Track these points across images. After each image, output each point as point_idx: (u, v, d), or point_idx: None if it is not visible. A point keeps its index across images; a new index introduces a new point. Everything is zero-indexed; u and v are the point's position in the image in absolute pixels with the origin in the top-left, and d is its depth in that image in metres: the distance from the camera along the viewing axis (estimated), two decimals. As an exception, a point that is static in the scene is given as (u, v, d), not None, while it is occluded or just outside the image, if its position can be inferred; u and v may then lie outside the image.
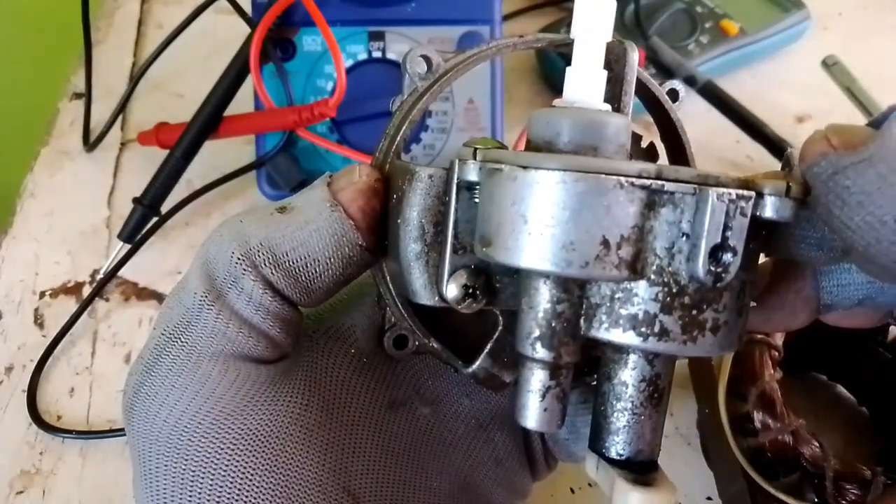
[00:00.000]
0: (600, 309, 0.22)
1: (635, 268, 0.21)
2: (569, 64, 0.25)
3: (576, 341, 0.22)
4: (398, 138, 0.27)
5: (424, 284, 0.25)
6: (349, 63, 0.51)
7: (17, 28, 0.98)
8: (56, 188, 0.56)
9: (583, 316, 0.22)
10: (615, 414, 0.23)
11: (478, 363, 0.27)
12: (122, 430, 0.43)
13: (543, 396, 0.22)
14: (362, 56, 0.51)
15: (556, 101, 0.25)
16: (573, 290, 0.22)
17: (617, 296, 0.22)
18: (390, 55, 0.51)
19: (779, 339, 0.40)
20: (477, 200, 0.23)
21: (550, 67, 0.63)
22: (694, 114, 0.60)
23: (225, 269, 0.25)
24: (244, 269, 0.24)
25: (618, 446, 0.23)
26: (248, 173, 0.53)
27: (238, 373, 0.25)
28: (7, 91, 1.00)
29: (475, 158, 0.23)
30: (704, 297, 0.21)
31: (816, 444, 0.37)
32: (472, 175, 0.23)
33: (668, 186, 0.21)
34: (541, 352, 0.22)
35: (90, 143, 0.57)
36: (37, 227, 0.53)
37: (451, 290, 0.24)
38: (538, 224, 0.21)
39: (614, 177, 0.20)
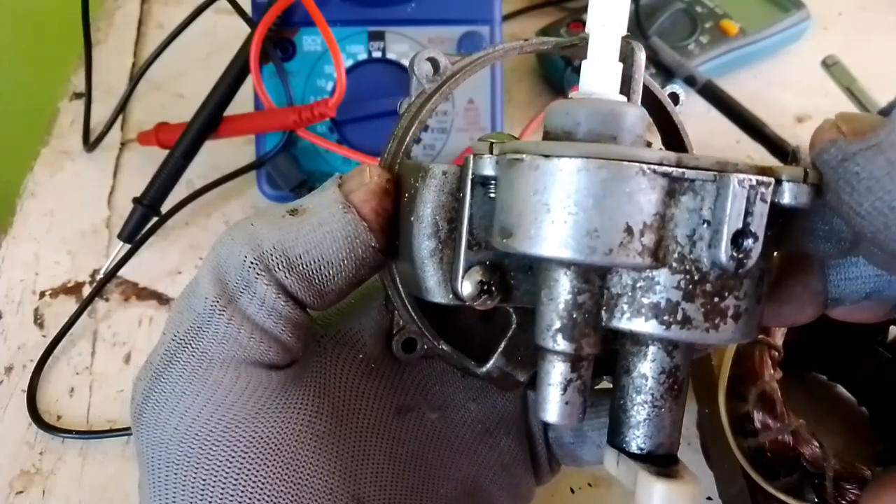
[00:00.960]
0: (622, 299, 0.22)
1: (657, 255, 0.21)
2: (570, 65, 0.25)
3: (596, 333, 0.22)
4: (407, 139, 0.26)
5: (438, 282, 0.24)
6: (349, 63, 0.51)
7: (17, 28, 0.98)
8: (56, 188, 0.56)
9: (604, 307, 0.22)
10: (635, 407, 0.23)
11: (492, 362, 0.26)
12: (123, 430, 0.43)
13: (565, 389, 0.22)
14: (362, 56, 0.51)
15: (573, 93, 0.25)
16: (594, 281, 0.22)
17: (638, 285, 0.22)
18: (390, 55, 0.51)
19: (779, 339, 0.40)
20: (492, 195, 0.23)
21: (551, 68, 0.63)
22: (694, 114, 0.60)
23: (237, 273, 0.24)
24: (257, 273, 0.24)
25: (639, 440, 0.23)
26: (248, 173, 0.53)
27: (249, 379, 0.24)
28: (7, 91, 1.00)
29: (491, 152, 0.23)
30: (726, 284, 0.22)
31: (816, 444, 0.37)
32: (488, 169, 0.23)
33: (689, 174, 0.21)
34: (562, 344, 0.22)
35: (90, 143, 0.57)
36: (37, 227, 0.53)
37: (466, 287, 0.24)
38: (561, 212, 0.21)
39: (636, 164, 0.20)
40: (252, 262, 0.24)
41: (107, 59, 0.64)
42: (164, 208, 0.51)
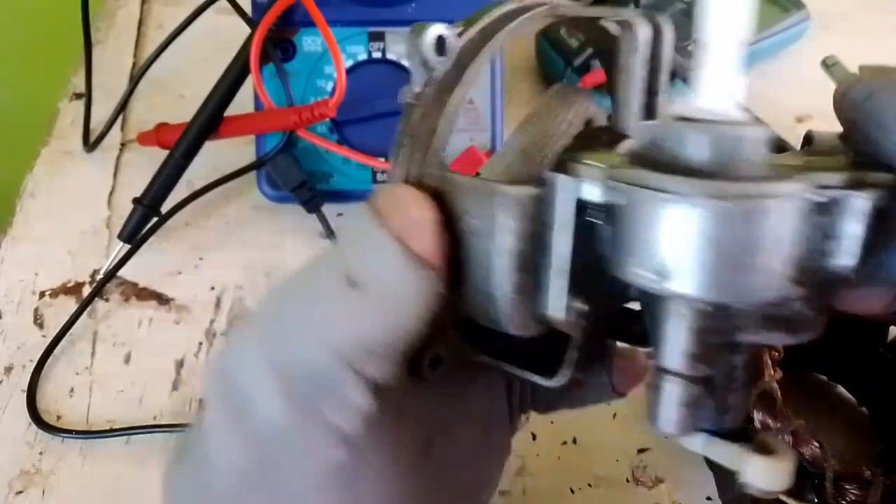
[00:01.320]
0: (751, 316, 0.22)
1: (793, 277, 0.21)
2: (570, 65, 0.24)
3: (722, 350, 0.22)
4: (435, 144, 0.23)
5: (524, 315, 0.23)
6: (349, 63, 0.51)
7: (17, 28, 0.98)
8: (56, 188, 0.56)
9: (733, 325, 0.22)
10: (727, 396, 0.23)
11: (566, 374, 0.25)
12: (123, 430, 0.43)
13: (692, 406, 0.22)
14: (362, 56, 0.51)
15: (686, 111, 0.23)
16: (725, 307, 0.22)
17: (771, 302, 0.22)
18: (390, 55, 0.51)
19: (779, 339, 0.40)
20: (588, 219, 0.22)
21: (551, 68, 0.63)
22: (694, 114, 0.60)
23: (316, 379, 0.20)
24: (343, 376, 0.20)
25: (728, 423, 0.23)
26: (249, 173, 0.53)
27: (327, 486, 0.22)
28: (7, 91, 1.00)
29: (606, 178, 0.21)
30: (836, 288, 0.22)
31: (816, 444, 0.37)
32: (600, 196, 0.21)
33: (826, 195, 0.21)
34: (694, 368, 0.22)
35: (90, 143, 0.57)
36: (37, 227, 0.53)
37: (564, 315, 0.23)
38: (719, 254, 0.20)
39: (780, 198, 0.20)
40: (334, 365, 0.20)
41: (107, 59, 0.64)
42: (164, 208, 0.51)
